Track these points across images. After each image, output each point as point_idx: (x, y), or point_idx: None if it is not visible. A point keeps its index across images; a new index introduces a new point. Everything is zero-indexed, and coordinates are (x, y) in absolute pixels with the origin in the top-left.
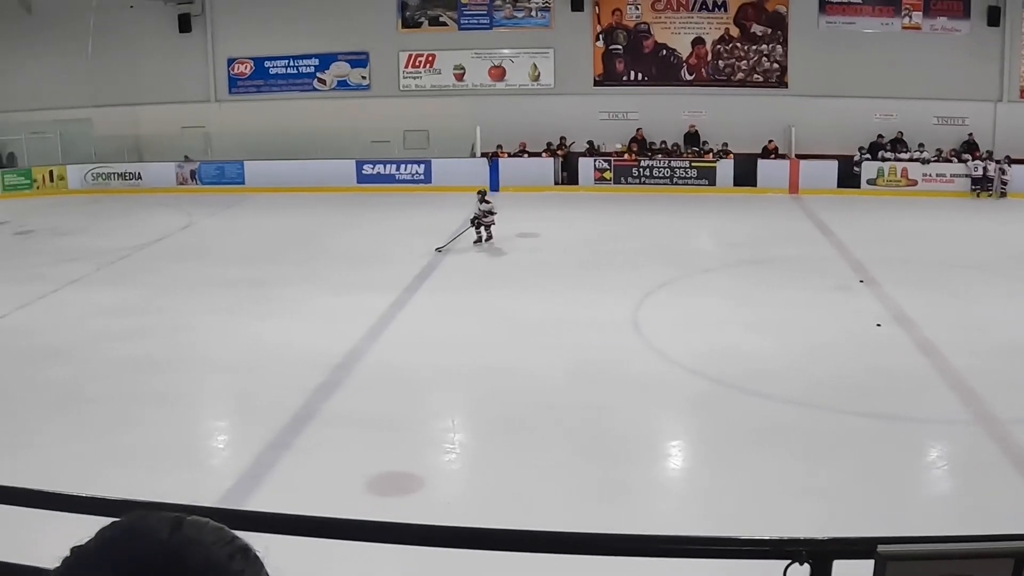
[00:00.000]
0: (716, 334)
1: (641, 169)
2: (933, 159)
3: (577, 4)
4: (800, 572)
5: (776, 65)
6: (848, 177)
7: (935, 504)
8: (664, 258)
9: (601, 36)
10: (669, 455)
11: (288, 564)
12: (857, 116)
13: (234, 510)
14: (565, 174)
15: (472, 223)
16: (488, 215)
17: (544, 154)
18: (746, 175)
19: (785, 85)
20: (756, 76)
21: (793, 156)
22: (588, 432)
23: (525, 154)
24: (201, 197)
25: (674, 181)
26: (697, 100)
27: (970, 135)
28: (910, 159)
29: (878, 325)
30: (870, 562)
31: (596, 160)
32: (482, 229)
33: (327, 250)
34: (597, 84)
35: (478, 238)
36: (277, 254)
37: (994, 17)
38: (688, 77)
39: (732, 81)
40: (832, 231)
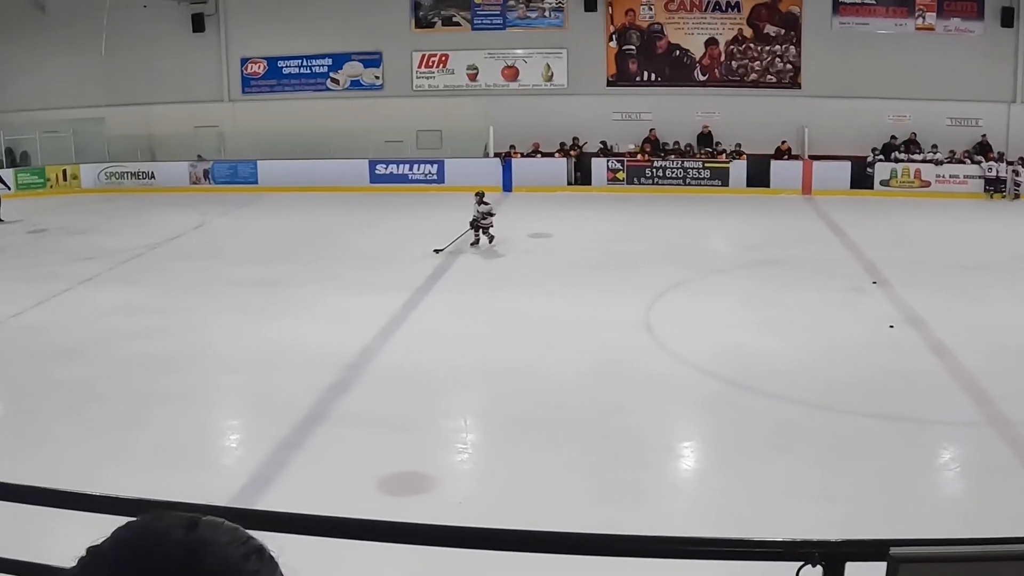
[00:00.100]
0: (729, 335)
1: (654, 170)
2: (946, 160)
3: (590, 4)
4: (812, 574)
5: (789, 66)
6: (861, 178)
7: (947, 506)
8: (677, 259)
9: (614, 36)
10: (682, 456)
11: (301, 563)
12: (870, 117)
13: (246, 509)
14: (578, 174)
15: (471, 225)
16: (487, 216)
17: (557, 154)
18: (759, 176)
19: (798, 86)
20: (769, 77)
21: (806, 157)
22: (600, 433)
23: (538, 154)
24: (214, 196)
25: (687, 182)
26: (710, 101)
27: (983, 136)
28: (923, 160)
29: (891, 326)
30: (883, 564)
31: (609, 160)
32: (480, 231)
33: (340, 250)
34: (610, 84)
35: (475, 240)
36: (290, 254)
37: (1008, 18)
38: (701, 78)
39: (745, 82)
40: (845, 232)
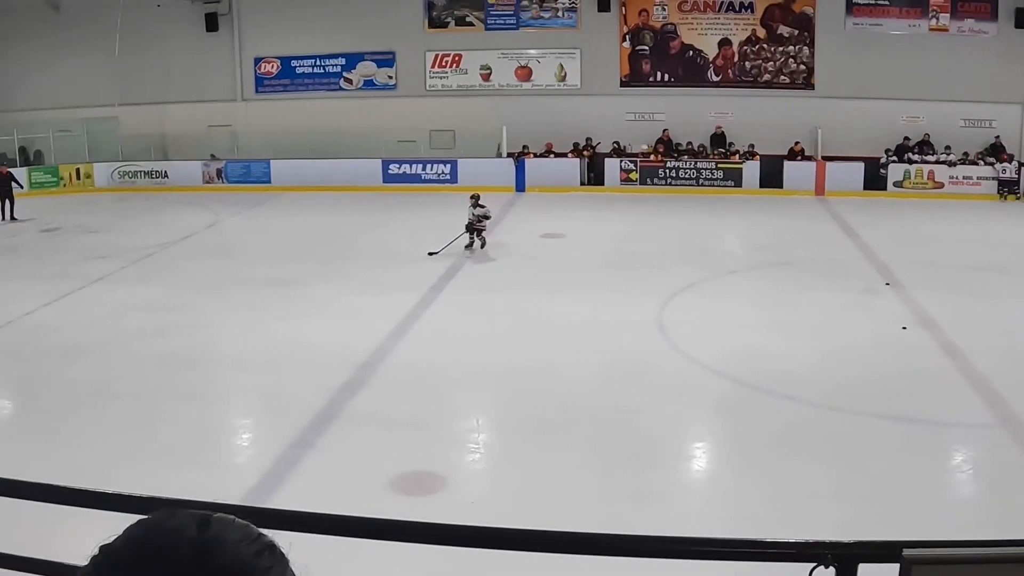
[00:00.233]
0: (741, 336)
1: (667, 170)
2: (959, 162)
3: (604, 5)
4: (825, 575)
5: (803, 66)
6: (874, 179)
7: (959, 508)
8: (690, 259)
9: (628, 37)
10: (694, 457)
11: (312, 562)
12: (884, 118)
13: (258, 508)
14: (591, 175)
15: (466, 229)
16: (482, 220)
17: (570, 155)
18: (772, 177)
19: (812, 87)
20: (783, 77)
21: (819, 158)
22: (613, 433)
23: (551, 154)
24: (227, 196)
25: (700, 182)
26: (723, 101)
27: (997, 138)
28: (936, 161)
29: (903, 328)
30: (895, 566)
31: (622, 161)
32: (475, 235)
33: (352, 249)
34: (623, 85)
35: (470, 243)
36: (303, 253)
37: (1022, 19)
38: (714, 78)
39: (758, 82)
40: (858, 233)
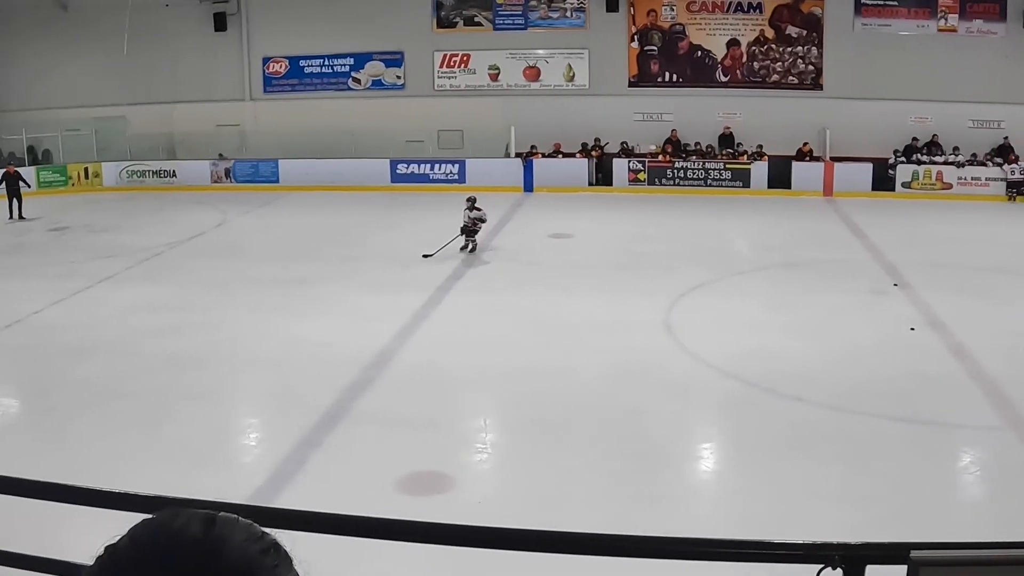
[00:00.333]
0: (749, 337)
1: (675, 171)
2: (968, 162)
3: (612, 5)
4: None
5: (811, 67)
6: (883, 180)
7: (967, 510)
8: (698, 260)
9: (636, 37)
10: (702, 457)
11: (318, 561)
12: (892, 119)
13: (265, 507)
14: (599, 175)
15: (462, 232)
16: (478, 223)
17: (578, 155)
18: (780, 177)
19: (820, 87)
20: (791, 78)
21: (828, 158)
22: (620, 434)
23: (559, 155)
24: (235, 195)
25: (708, 183)
26: (732, 102)
27: (1005, 138)
28: (945, 162)
29: (911, 329)
30: (903, 568)
31: (630, 161)
32: (471, 237)
33: (361, 249)
34: (632, 85)
35: (465, 245)
36: (311, 253)
37: None
38: (723, 79)
39: (767, 83)
40: (866, 234)
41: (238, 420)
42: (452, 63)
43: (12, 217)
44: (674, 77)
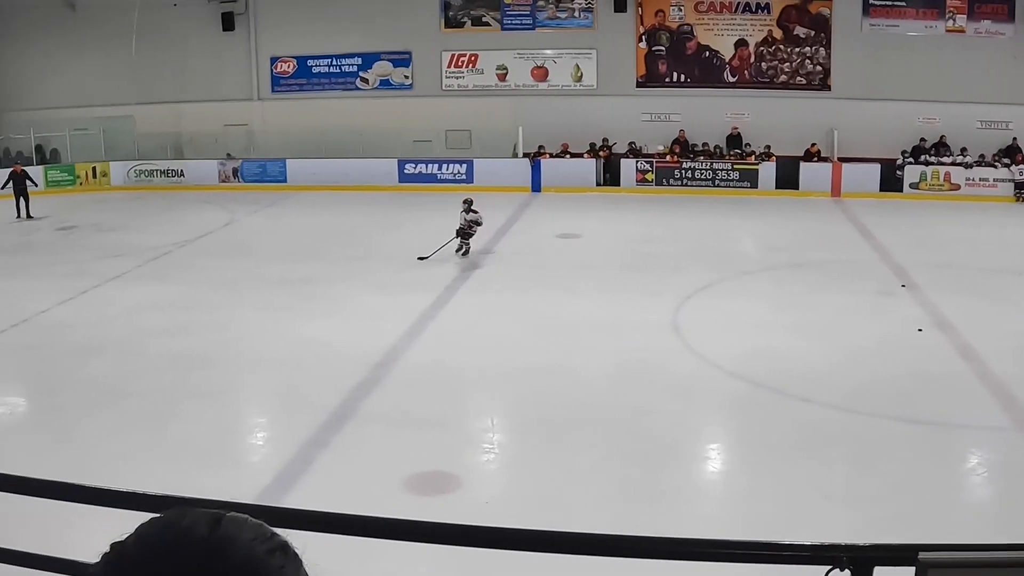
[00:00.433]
0: (756, 337)
1: (683, 171)
2: (976, 163)
3: (620, 5)
4: None
5: (819, 67)
6: (891, 181)
7: (974, 511)
8: (705, 260)
9: (644, 37)
10: (709, 458)
11: (325, 561)
12: (900, 119)
13: (272, 507)
14: (607, 175)
15: (457, 234)
16: (473, 225)
17: (586, 155)
18: (788, 178)
19: (828, 88)
20: (799, 78)
21: (835, 159)
22: (627, 434)
23: (567, 155)
24: (243, 195)
25: (716, 183)
26: (740, 102)
27: (1014, 139)
28: (953, 163)
29: (919, 330)
30: (911, 569)
31: (638, 161)
32: (467, 240)
33: (368, 249)
34: (639, 85)
35: (460, 247)
36: (318, 252)
37: None
38: (731, 79)
39: (775, 83)
40: (874, 235)
41: (245, 420)
42: (460, 63)
43: (20, 216)
44: (682, 77)
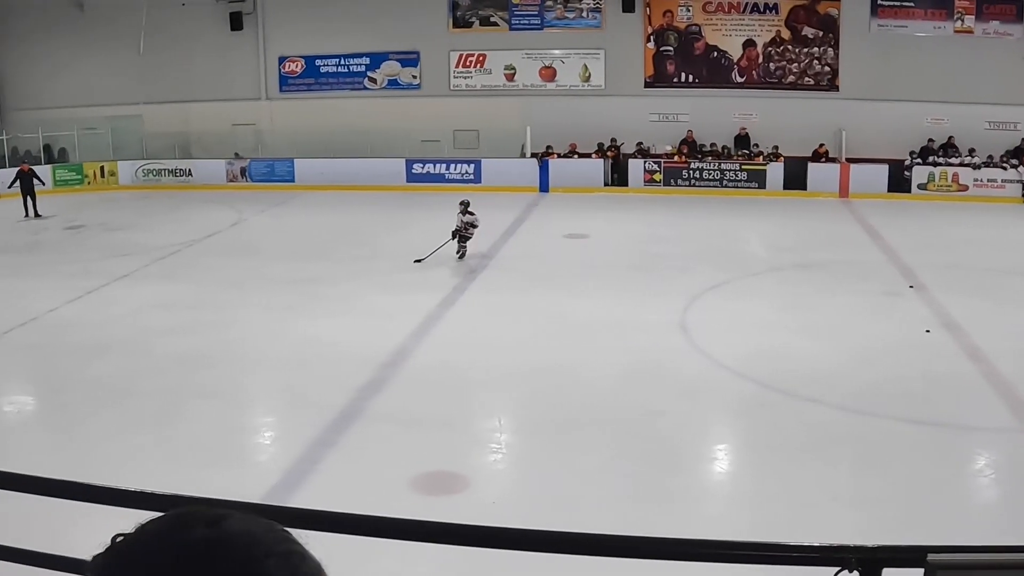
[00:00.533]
0: (764, 338)
1: (691, 171)
2: (984, 164)
3: (628, 5)
4: None
5: (827, 68)
6: (898, 181)
7: (980, 513)
8: (713, 261)
9: (652, 37)
10: (716, 459)
11: (332, 560)
12: (908, 120)
13: (279, 507)
14: (615, 175)
15: (453, 236)
16: (469, 228)
17: (594, 155)
18: (796, 178)
19: (836, 88)
20: (807, 79)
21: (843, 160)
22: (635, 434)
23: (575, 155)
24: (251, 194)
25: (724, 184)
26: (748, 102)
27: (1022, 140)
28: (961, 164)
29: (927, 331)
30: (920, 571)
31: (646, 162)
32: (464, 242)
33: (376, 249)
34: (648, 86)
35: (458, 251)
36: (326, 252)
37: None
38: (739, 79)
39: (783, 84)
40: (882, 236)
41: (252, 419)
42: (468, 63)
43: (28, 215)
44: (690, 78)
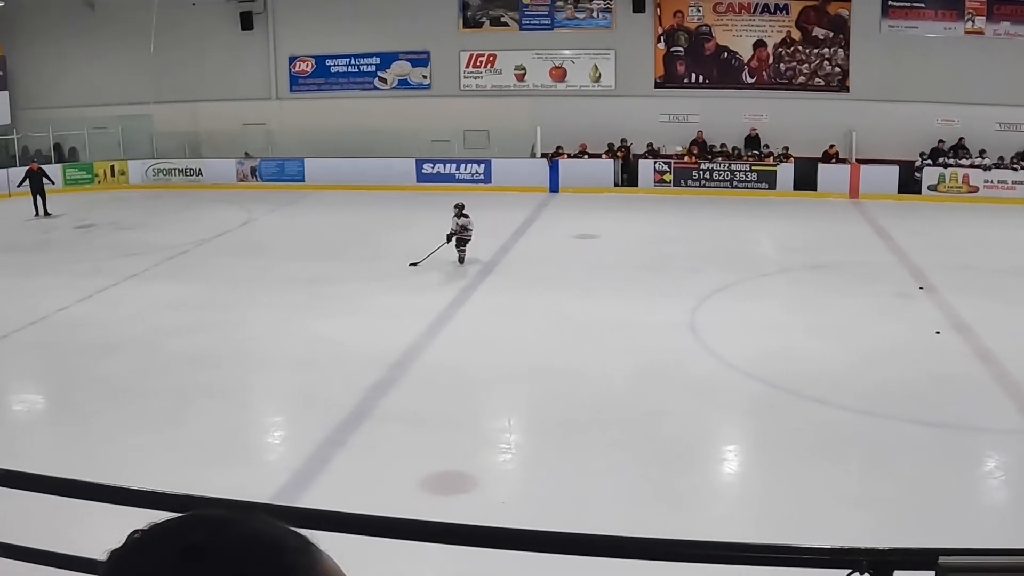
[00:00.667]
0: (774, 339)
1: (701, 172)
2: (994, 165)
3: (639, 6)
4: None
5: (837, 69)
6: (909, 183)
7: (990, 515)
8: (723, 262)
9: (662, 38)
10: (725, 460)
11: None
12: (918, 121)
13: (288, 507)
14: (625, 176)
15: (448, 239)
16: (464, 231)
17: (604, 155)
18: (806, 179)
19: (846, 89)
20: (817, 80)
21: (854, 161)
22: (644, 435)
23: (585, 155)
24: (261, 194)
25: (734, 184)
26: (758, 103)
27: None
28: (971, 165)
29: (937, 332)
30: (931, 573)
31: (656, 162)
32: (462, 246)
33: (386, 249)
34: (658, 86)
35: (457, 256)
36: (336, 252)
37: None
38: (749, 80)
39: (793, 84)
40: (892, 237)
41: (261, 419)
42: (478, 63)
43: (38, 214)
44: (700, 78)
